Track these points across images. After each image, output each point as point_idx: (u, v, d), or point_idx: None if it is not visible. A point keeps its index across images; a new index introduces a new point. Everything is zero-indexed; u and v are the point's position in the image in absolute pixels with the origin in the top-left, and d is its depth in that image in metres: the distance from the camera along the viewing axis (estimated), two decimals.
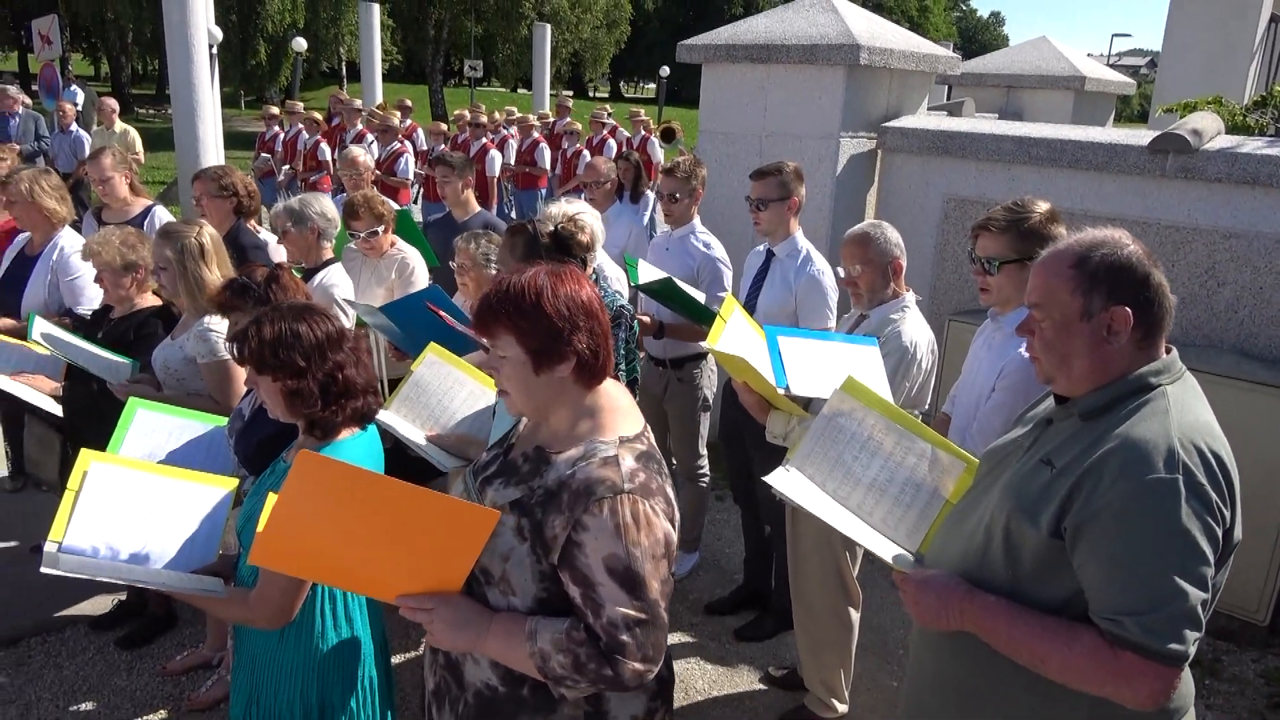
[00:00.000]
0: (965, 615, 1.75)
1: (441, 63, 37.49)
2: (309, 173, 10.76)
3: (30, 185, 3.97)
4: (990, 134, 4.94)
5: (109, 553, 2.14)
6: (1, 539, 4.46)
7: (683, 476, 4.53)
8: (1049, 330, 1.73)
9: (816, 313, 3.63)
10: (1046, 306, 1.73)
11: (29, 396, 3.33)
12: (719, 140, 5.71)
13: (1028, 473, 1.76)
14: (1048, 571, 1.69)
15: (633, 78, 67.55)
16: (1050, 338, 1.73)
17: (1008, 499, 1.76)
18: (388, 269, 4.37)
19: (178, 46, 10.20)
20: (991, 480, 1.90)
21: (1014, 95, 8.30)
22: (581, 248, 2.76)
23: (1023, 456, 1.82)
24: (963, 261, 5.18)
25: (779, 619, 4.07)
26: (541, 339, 1.67)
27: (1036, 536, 1.68)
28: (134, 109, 29.65)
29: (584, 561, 1.60)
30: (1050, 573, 1.68)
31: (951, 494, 2.20)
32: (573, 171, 11.65)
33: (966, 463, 2.20)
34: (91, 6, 29.05)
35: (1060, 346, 1.72)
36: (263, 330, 2.11)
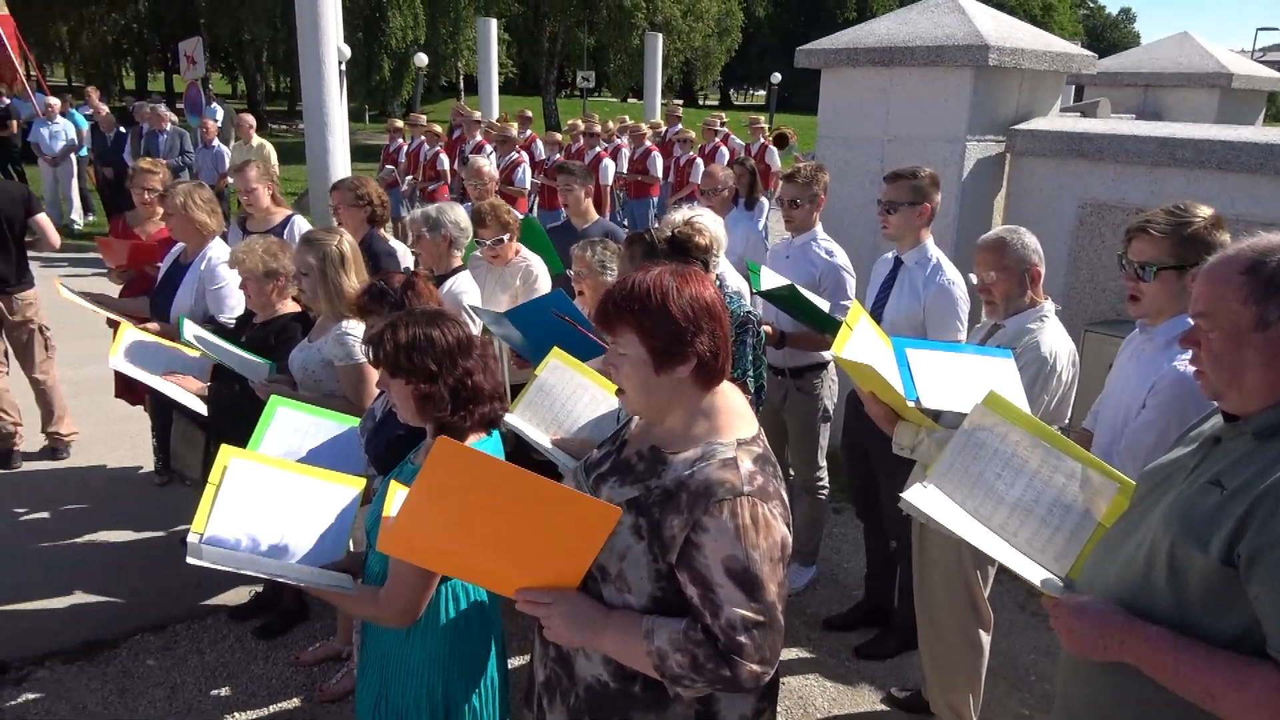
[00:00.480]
0: (1125, 645, 1.65)
1: (555, 74, 38.22)
2: (429, 182, 11.10)
3: (185, 199, 4.21)
4: (1131, 135, 4.69)
5: (248, 544, 2.23)
6: (150, 530, 4.75)
7: (800, 488, 4.45)
8: (1217, 342, 1.61)
9: (946, 324, 3.50)
10: (1214, 316, 1.61)
11: (177, 395, 3.52)
12: (838, 146, 5.60)
13: (1194, 494, 1.64)
14: (1217, 601, 1.57)
15: (743, 85, 67.28)
16: (1219, 350, 1.61)
17: (1172, 522, 1.65)
18: (512, 276, 4.45)
19: (310, 64, 10.70)
20: (1152, 502, 1.78)
21: (1152, 94, 7.87)
22: (700, 250, 2.74)
23: (1187, 477, 1.71)
24: (1099, 270, 4.94)
25: (902, 638, 3.94)
26: (664, 339, 1.67)
27: (1205, 562, 1.56)
28: (267, 125, 31.24)
29: (703, 562, 1.61)
30: (1220, 602, 1.57)
31: (1104, 516, 2.08)
32: (685, 179, 11.67)
33: (1120, 483, 2.07)
34: (231, 28, 30.81)
35: (1230, 360, 1.60)
36: (397, 334, 2.17)
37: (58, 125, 13.24)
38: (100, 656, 3.74)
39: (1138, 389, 2.42)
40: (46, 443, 5.64)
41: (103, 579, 4.29)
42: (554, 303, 3.46)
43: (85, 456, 5.69)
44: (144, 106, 12.81)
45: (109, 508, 5.01)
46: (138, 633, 3.89)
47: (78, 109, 14.65)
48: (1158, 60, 7.92)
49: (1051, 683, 3.83)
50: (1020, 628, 4.22)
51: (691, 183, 11.50)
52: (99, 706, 3.46)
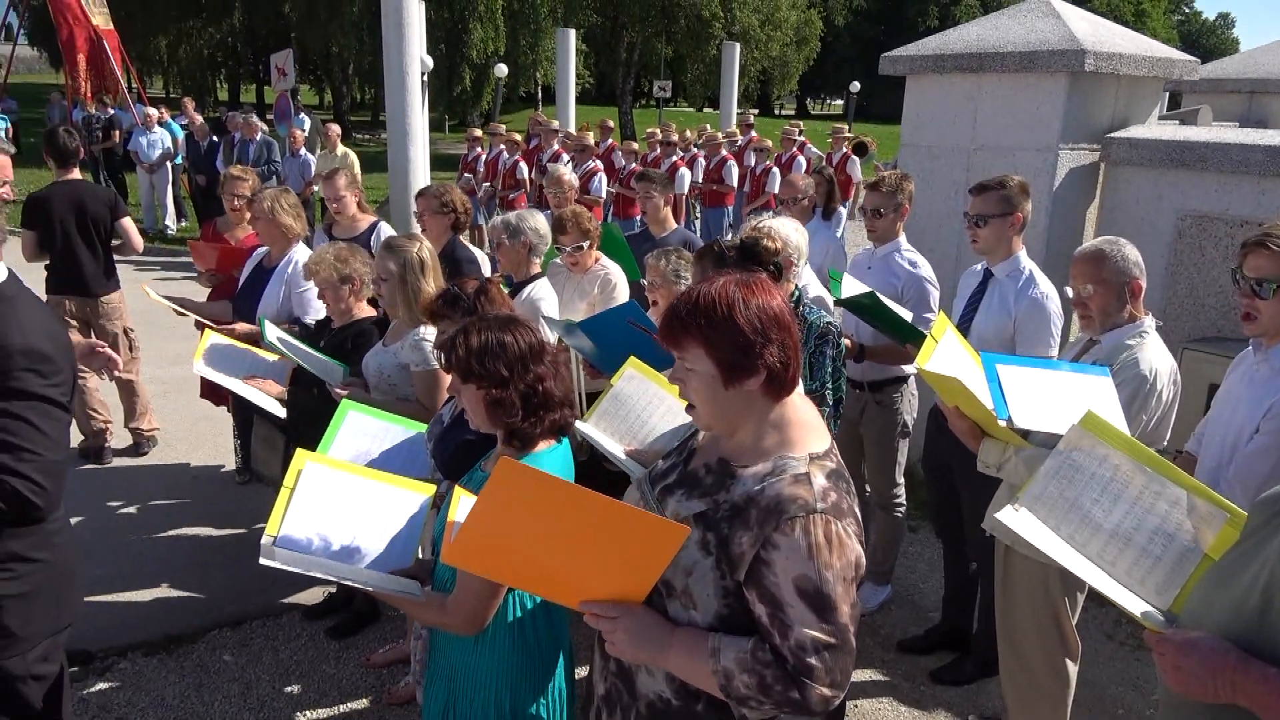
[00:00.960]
0: (1238, 687, 1.53)
1: (631, 84, 38.42)
2: (507, 190, 11.23)
3: (272, 204, 4.31)
4: (1237, 144, 4.45)
5: (320, 545, 2.25)
6: (230, 528, 4.86)
7: (876, 505, 4.33)
8: None
9: (1037, 339, 3.36)
10: None
11: (257, 399, 3.59)
12: (922, 155, 5.46)
13: None
14: None
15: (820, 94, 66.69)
16: None
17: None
18: (590, 284, 4.44)
19: (394, 75, 10.90)
20: (1268, 535, 1.65)
21: (1257, 101, 7.50)
22: (769, 253, 2.68)
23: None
24: (1198, 285, 4.70)
25: (981, 663, 3.79)
26: (732, 351, 1.62)
27: None
28: (352, 134, 32.12)
29: (773, 581, 1.56)
30: None
31: (1211, 548, 1.94)
32: (761, 188, 11.57)
33: (1230, 513, 1.92)
34: (320, 41, 31.79)
35: None
36: (470, 339, 2.15)
37: (155, 134, 13.80)
38: (180, 650, 3.82)
39: (1250, 412, 2.27)
40: (131, 439, 5.83)
41: (185, 574, 4.40)
42: (628, 313, 3.42)
43: (170, 454, 5.88)
44: (236, 116, 13.26)
45: (192, 505, 5.15)
46: (216, 628, 3.98)
47: (174, 119, 15.26)
48: (1262, 65, 7.54)
49: (1140, 718, 3.64)
50: (1106, 657, 4.02)
51: (767, 192, 11.40)
52: (176, 699, 3.54)
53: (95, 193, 5.43)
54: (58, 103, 19.28)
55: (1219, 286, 4.62)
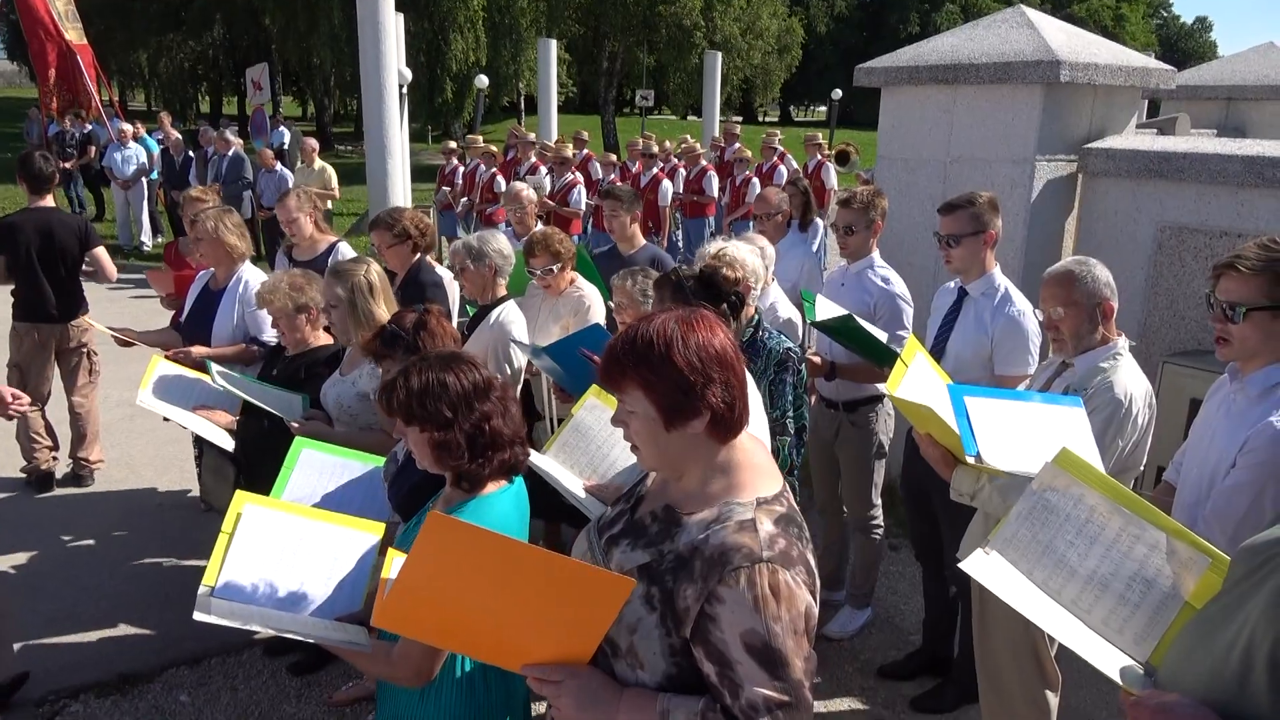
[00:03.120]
0: None
1: (614, 93, 38.41)
2: (485, 204, 11.12)
3: (215, 223, 4.21)
4: (1216, 154, 4.39)
5: (264, 592, 2.16)
6: (193, 558, 4.71)
7: (854, 527, 4.23)
8: None
9: (1015, 358, 3.27)
10: None
11: (204, 431, 3.47)
12: (899, 167, 5.38)
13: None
14: None
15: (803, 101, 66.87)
16: None
17: (1276, 615, 1.41)
18: (565, 307, 4.32)
19: (371, 88, 10.83)
20: (1252, 587, 1.53)
21: (1235, 108, 7.48)
22: (730, 283, 2.58)
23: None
24: (1178, 297, 4.63)
25: (962, 690, 3.69)
26: (672, 393, 1.54)
27: None
28: (334, 146, 31.99)
29: (719, 637, 1.47)
30: None
31: (1192, 595, 1.83)
32: (741, 199, 11.50)
33: (1212, 558, 1.82)
34: (299, 54, 31.64)
35: None
36: (410, 380, 2.06)
37: (130, 150, 13.63)
38: (134, 690, 3.69)
39: (1227, 445, 2.18)
40: (71, 468, 5.65)
41: (142, 609, 4.26)
42: (593, 335, 3.32)
43: (136, 480, 5.72)
44: (208, 131, 13.12)
45: (155, 534, 5.00)
46: (172, 666, 3.84)
47: (150, 134, 15.09)
48: (1240, 72, 7.52)
49: None
50: (1090, 680, 3.90)
51: (747, 203, 11.32)
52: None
53: (65, 222, 5.31)
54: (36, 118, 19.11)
55: (1199, 299, 4.55)
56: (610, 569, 1.61)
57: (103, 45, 28.80)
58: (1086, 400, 2.55)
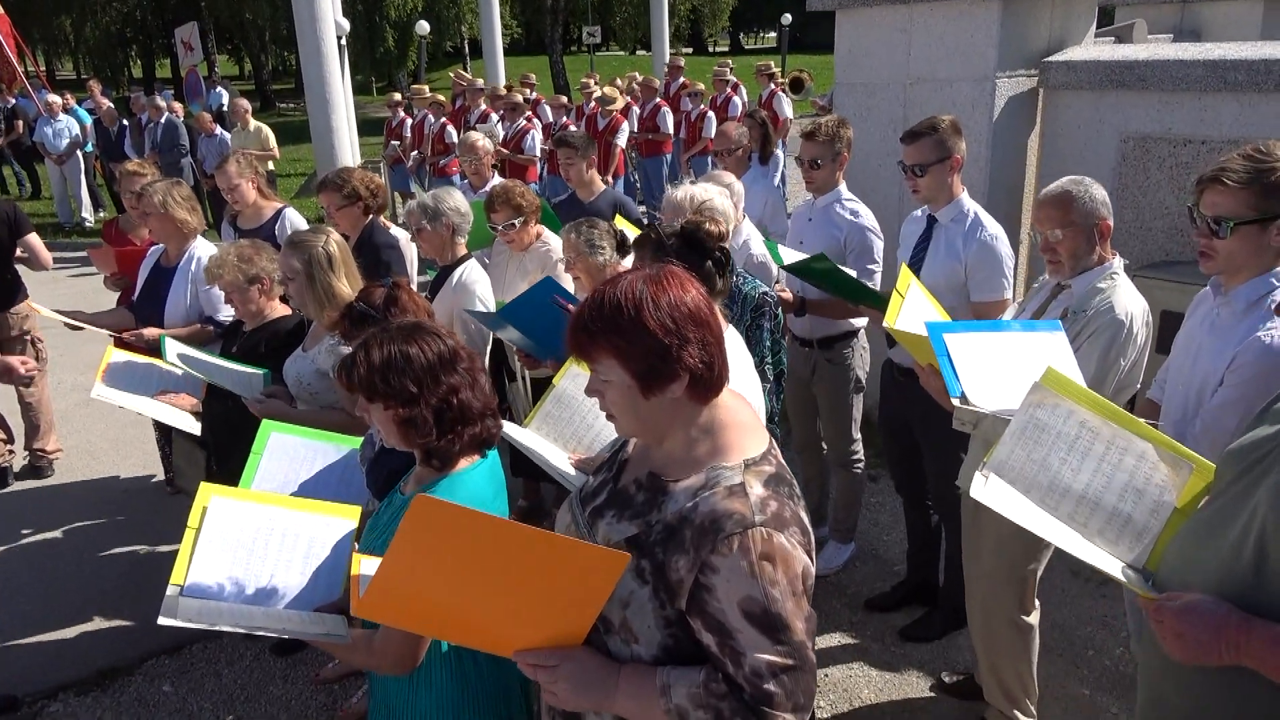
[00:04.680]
0: (1242, 648, 1.47)
1: (560, 31, 37.47)
2: (437, 156, 10.83)
3: (163, 197, 4.00)
4: (1177, 59, 4.31)
5: (234, 589, 2.08)
6: (164, 544, 4.60)
7: (835, 464, 4.21)
8: None
9: (991, 283, 3.21)
10: None
11: (169, 418, 3.34)
12: (858, 92, 5.26)
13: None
14: None
15: (752, 28, 65.75)
16: None
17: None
18: (532, 263, 4.19)
19: (308, 41, 10.42)
20: (1249, 484, 1.59)
21: (1190, 11, 7.39)
22: (715, 239, 2.45)
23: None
24: (1144, 209, 4.59)
25: (949, 617, 3.73)
26: (647, 359, 1.46)
27: None
28: (275, 104, 31.03)
29: (716, 606, 1.42)
30: None
31: (1179, 499, 1.88)
32: (698, 134, 11.29)
33: (1195, 464, 1.88)
34: (231, 9, 30.45)
35: None
36: (371, 355, 1.95)
37: (61, 123, 13.08)
38: (115, 685, 3.60)
39: (1214, 362, 2.14)
40: (28, 460, 5.48)
41: (117, 600, 4.16)
42: (547, 290, 3.20)
43: (97, 467, 5.57)
44: (140, 97, 12.60)
45: (123, 522, 4.88)
46: (153, 657, 3.76)
47: (81, 104, 14.47)
48: None
49: (1111, 657, 3.61)
50: (1074, 596, 3.98)
51: (705, 138, 11.13)
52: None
53: None
54: None
55: (1165, 209, 4.53)
56: (597, 542, 1.55)
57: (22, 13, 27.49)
58: (1087, 322, 2.52)
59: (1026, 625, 2.99)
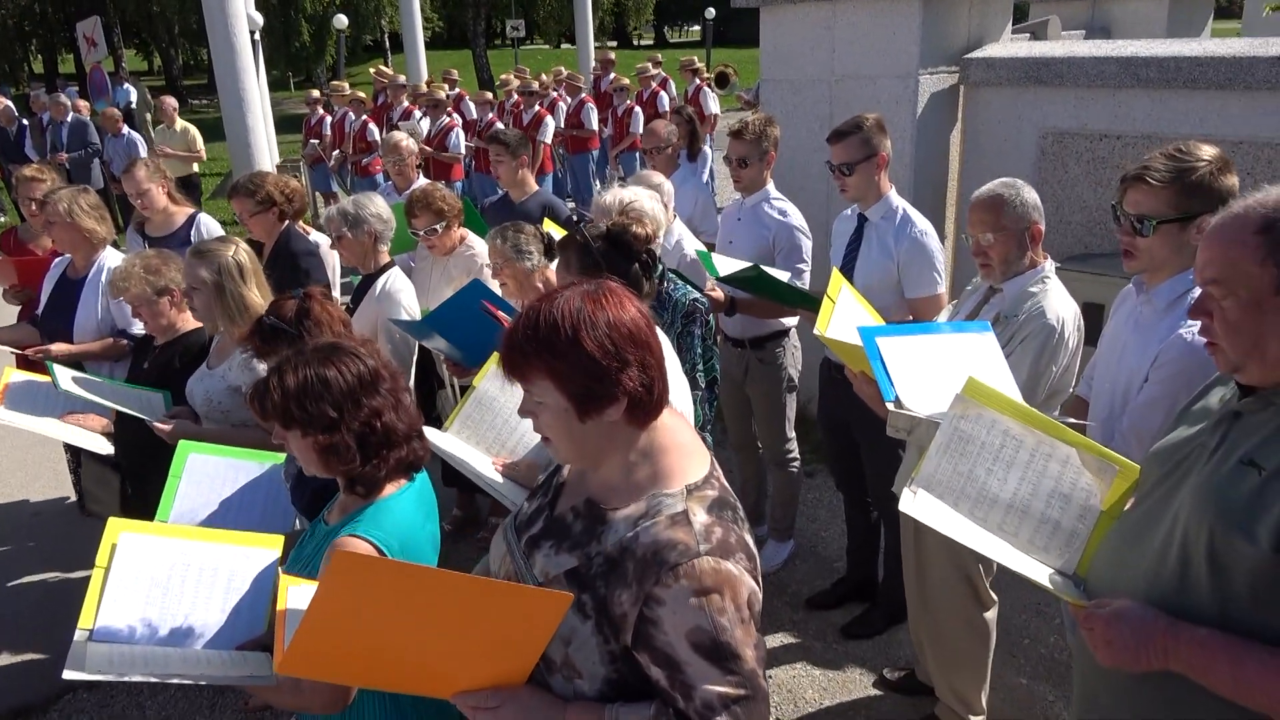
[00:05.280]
0: (1170, 653, 1.48)
1: (483, 25, 36.99)
2: (359, 155, 10.56)
3: (69, 205, 3.79)
4: (1091, 57, 4.41)
5: (146, 631, 1.96)
6: (79, 569, 4.38)
7: (771, 463, 4.21)
8: (1233, 310, 1.46)
9: (924, 279, 3.23)
10: (1228, 282, 1.45)
11: (79, 440, 3.17)
12: (784, 89, 5.26)
13: (1226, 477, 1.49)
14: (1271, 594, 1.42)
15: (676, 22, 65.92)
16: (1235, 319, 1.46)
17: (1206, 509, 1.49)
18: (457, 268, 4.08)
19: (219, 37, 10.05)
20: (1171, 487, 1.61)
21: (1100, 8, 7.61)
22: (642, 241, 2.41)
23: (1210, 458, 1.55)
24: (1063, 203, 4.69)
25: (888, 612, 3.76)
26: (584, 381, 1.40)
27: (1255, 554, 1.41)
28: (187, 101, 29.96)
29: (664, 640, 1.37)
30: (1275, 595, 1.42)
31: (1104, 503, 1.90)
32: (625, 130, 11.23)
33: (1120, 466, 1.90)
34: (137, 3, 29.30)
35: (1250, 328, 1.45)
36: (285, 380, 1.84)
37: None
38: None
39: (1138, 359, 2.17)
40: None
41: (29, 632, 3.94)
42: (475, 295, 3.11)
43: (4, 490, 5.29)
44: (40, 95, 12.02)
45: (34, 548, 4.63)
46: (69, 691, 3.57)
47: None
48: None
49: (1046, 645, 3.68)
50: (1007, 584, 3.99)
51: (632, 133, 11.07)
52: None
53: None
54: None
55: (1083, 203, 4.63)
56: (534, 574, 1.49)
57: None
58: (1019, 327, 2.53)
59: (983, 624, 3.01)
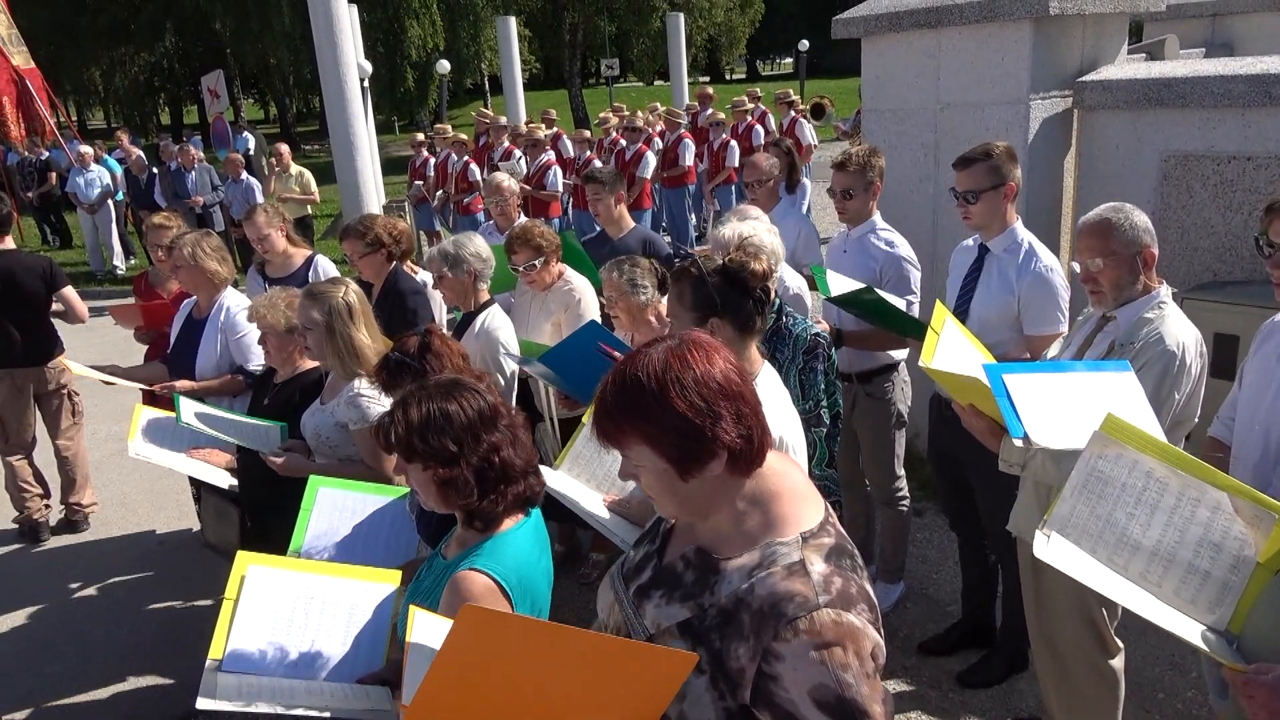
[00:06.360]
0: None
1: (579, 65, 37.84)
2: (462, 194, 10.86)
3: (193, 249, 3.98)
4: (1218, 75, 4.20)
5: (275, 658, 2.03)
6: (202, 597, 4.55)
7: (880, 501, 4.09)
8: None
9: (1046, 317, 3.10)
10: None
11: (203, 474, 3.30)
12: (887, 119, 5.18)
13: None
14: None
15: (768, 55, 66.09)
16: None
17: None
18: (555, 303, 4.13)
19: (331, 85, 10.55)
20: None
21: (1220, 24, 7.27)
22: (758, 278, 2.36)
23: None
24: (1189, 229, 4.46)
25: (1009, 660, 3.59)
26: (679, 441, 1.37)
27: None
28: (300, 146, 31.47)
29: (785, 697, 1.31)
30: None
31: (1262, 555, 1.75)
32: (721, 164, 11.25)
33: (1278, 514, 1.73)
34: (256, 55, 31.03)
35: None
36: (409, 414, 1.88)
37: (92, 173, 13.29)
38: None
39: None
40: (64, 514, 5.46)
41: (153, 658, 4.10)
42: (593, 336, 3.13)
43: (133, 521, 5.55)
44: (170, 145, 12.78)
45: (157, 576, 4.84)
46: (192, 716, 3.67)
47: (111, 153, 14.72)
48: None
49: (1183, 700, 3.44)
50: (1139, 634, 3.79)
51: (728, 167, 11.09)
52: None
53: (28, 265, 5.03)
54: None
55: (1211, 228, 4.39)
56: (645, 624, 1.45)
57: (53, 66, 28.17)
58: (1135, 355, 2.40)
59: (1111, 672, 2.85)
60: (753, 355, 2.41)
